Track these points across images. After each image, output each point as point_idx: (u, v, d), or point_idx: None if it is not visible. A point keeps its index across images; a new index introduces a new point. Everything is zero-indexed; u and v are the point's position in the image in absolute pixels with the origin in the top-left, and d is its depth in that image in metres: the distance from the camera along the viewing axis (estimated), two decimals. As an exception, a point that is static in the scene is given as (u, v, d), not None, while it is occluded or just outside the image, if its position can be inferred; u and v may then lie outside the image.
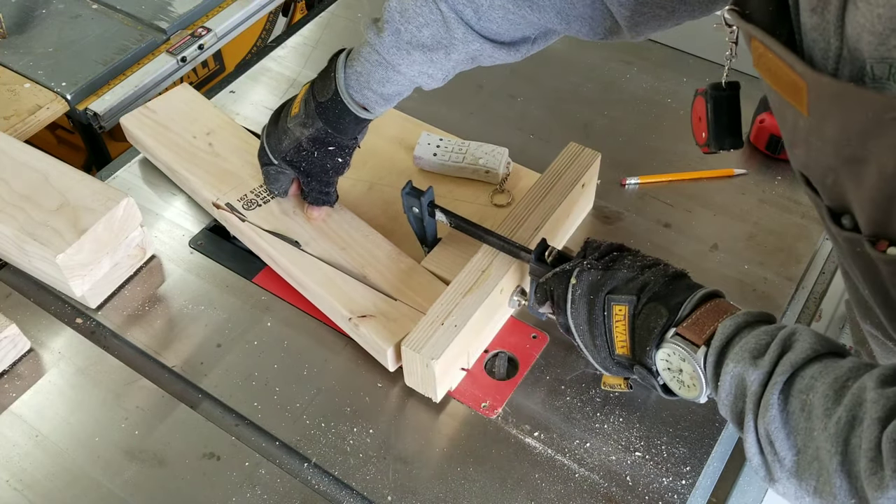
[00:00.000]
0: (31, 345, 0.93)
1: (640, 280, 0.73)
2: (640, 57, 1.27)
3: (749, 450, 0.62)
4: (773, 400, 0.59)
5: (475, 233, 0.90)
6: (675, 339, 0.69)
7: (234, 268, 1.00)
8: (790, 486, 0.60)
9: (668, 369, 0.71)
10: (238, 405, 0.87)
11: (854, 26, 0.49)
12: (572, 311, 0.76)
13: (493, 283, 0.86)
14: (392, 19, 0.81)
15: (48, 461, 0.83)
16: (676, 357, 0.69)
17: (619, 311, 0.72)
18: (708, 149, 0.76)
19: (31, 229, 0.91)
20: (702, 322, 0.68)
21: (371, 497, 0.80)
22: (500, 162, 1.05)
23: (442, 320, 0.83)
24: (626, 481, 0.81)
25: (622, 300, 0.72)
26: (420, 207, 0.90)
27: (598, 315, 0.74)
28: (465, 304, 0.85)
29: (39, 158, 0.98)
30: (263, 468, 0.82)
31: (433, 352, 0.81)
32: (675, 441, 0.84)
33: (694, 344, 0.68)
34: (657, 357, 0.71)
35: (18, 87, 1.21)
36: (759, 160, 1.11)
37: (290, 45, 1.31)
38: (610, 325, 0.73)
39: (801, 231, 1.03)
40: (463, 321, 0.83)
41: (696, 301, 0.70)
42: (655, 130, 1.17)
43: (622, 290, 0.73)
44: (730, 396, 0.64)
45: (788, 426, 0.59)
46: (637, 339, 0.72)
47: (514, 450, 0.83)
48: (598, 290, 0.74)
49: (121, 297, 0.97)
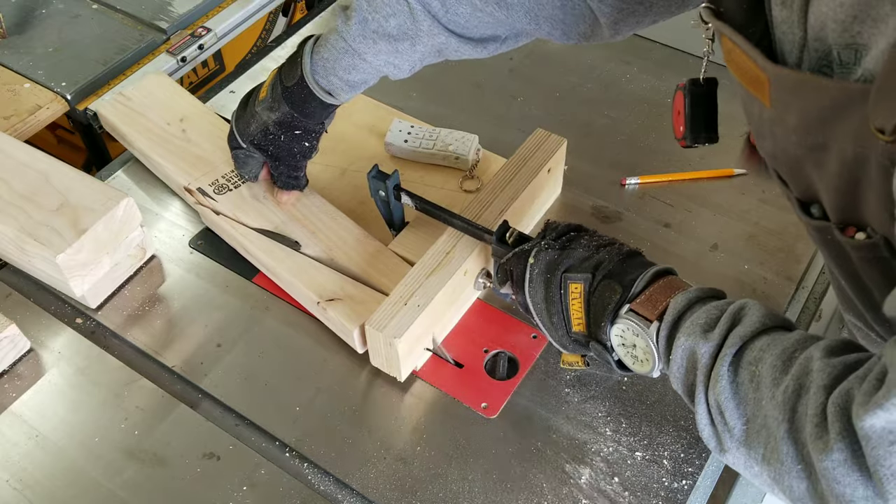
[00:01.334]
0: (31, 345, 0.93)
1: (596, 258, 0.74)
2: (640, 57, 1.27)
3: (700, 421, 0.64)
4: (723, 371, 0.61)
5: (440, 216, 0.92)
6: (629, 315, 0.70)
7: (234, 268, 1.00)
8: (740, 455, 0.61)
9: (622, 345, 0.72)
10: (238, 405, 0.87)
11: (818, 16, 0.51)
12: (530, 290, 0.77)
13: (456, 264, 0.88)
14: (360, 7, 0.82)
15: (48, 461, 0.83)
16: (630, 333, 0.71)
17: (575, 288, 0.74)
18: (685, 142, 0.78)
19: (31, 229, 0.91)
20: (654, 298, 0.70)
21: (371, 497, 0.80)
22: (469, 148, 1.07)
23: (405, 300, 0.85)
24: (627, 482, 0.81)
25: (578, 278, 0.73)
26: (386, 191, 0.92)
27: (555, 293, 0.75)
28: (429, 285, 0.86)
29: (39, 158, 0.98)
30: (263, 468, 0.82)
31: (396, 331, 0.82)
32: (675, 442, 0.84)
33: (647, 319, 0.69)
34: (612, 333, 0.72)
35: (18, 87, 1.21)
36: (759, 160, 1.11)
37: (290, 45, 1.31)
38: (566, 302, 0.75)
39: (801, 231, 1.03)
40: (426, 301, 0.85)
41: (648, 278, 0.71)
42: (655, 130, 1.17)
43: (578, 269, 0.74)
44: (681, 370, 0.66)
45: (738, 396, 0.60)
46: (592, 316, 0.73)
47: (515, 450, 0.83)
48: (554, 269, 0.75)
49: (121, 297, 0.97)
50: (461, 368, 0.90)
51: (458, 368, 0.90)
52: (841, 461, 0.51)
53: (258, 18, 1.44)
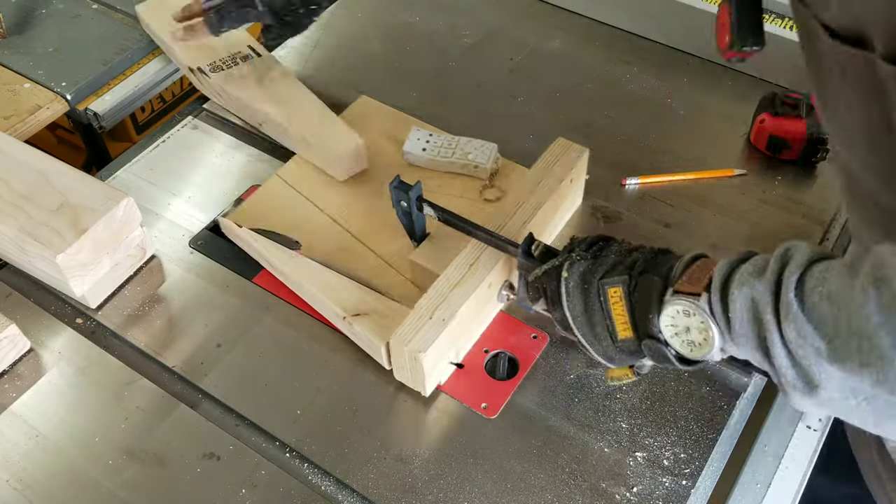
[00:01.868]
0: (31, 345, 0.93)
1: (629, 260, 0.74)
2: (640, 57, 1.27)
3: (781, 367, 0.62)
4: (791, 298, 0.60)
5: (463, 227, 0.91)
6: (676, 297, 0.69)
7: (234, 268, 1.00)
8: (833, 379, 0.59)
9: (675, 334, 0.71)
10: (238, 405, 0.87)
11: None
12: (569, 304, 0.76)
13: (480, 277, 0.87)
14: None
15: (48, 461, 0.83)
16: (681, 315, 0.69)
17: (615, 292, 0.73)
18: (732, 51, 0.76)
19: (31, 229, 0.91)
20: (696, 275, 0.69)
21: (371, 497, 0.80)
22: (488, 157, 1.06)
23: (430, 314, 0.84)
24: (627, 482, 0.81)
25: (615, 281, 0.73)
26: (408, 202, 0.91)
27: (595, 302, 0.74)
28: (453, 298, 0.85)
29: (39, 158, 0.98)
30: (263, 468, 0.82)
31: (421, 345, 0.81)
32: (675, 442, 0.84)
33: (694, 294, 0.68)
34: (662, 324, 0.71)
35: (18, 87, 1.21)
36: (759, 160, 1.11)
37: (290, 45, 1.31)
38: (608, 309, 0.74)
39: (801, 231, 1.03)
40: (450, 315, 0.84)
41: (685, 262, 0.71)
42: (655, 130, 1.17)
43: (613, 273, 0.73)
44: (745, 323, 0.64)
45: (814, 318, 0.59)
46: (638, 314, 0.72)
47: (515, 450, 0.83)
48: (590, 279, 0.75)
49: (121, 297, 0.97)
50: (461, 368, 0.90)
51: (459, 368, 0.90)
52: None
53: (258, 18, 1.43)
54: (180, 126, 1.18)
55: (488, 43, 1.24)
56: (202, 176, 1.12)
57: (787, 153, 1.10)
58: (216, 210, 1.06)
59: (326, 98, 1.19)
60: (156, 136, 1.17)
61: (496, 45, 1.24)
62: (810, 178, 1.10)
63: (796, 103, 1.09)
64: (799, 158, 1.10)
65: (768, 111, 1.10)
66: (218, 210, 1.06)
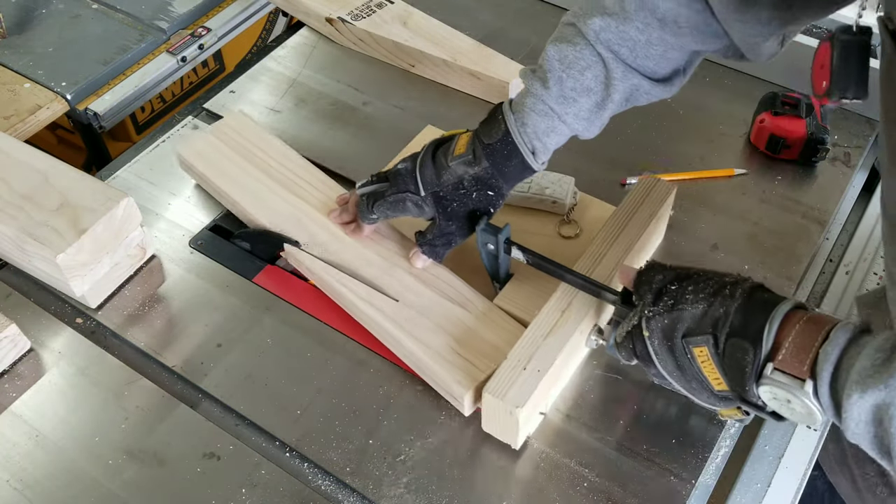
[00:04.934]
0: (31, 345, 0.93)
1: (712, 314, 0.68)
2: (640, 57, 1.27)
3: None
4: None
5: (554, 271, 0.86)
6: (776, 376, 0.64)
7: (234, 268, 1.00)
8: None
9: (774, 399, 0.66)
10: (238, 405, 0.87)
11: None
12: (660, 362, 0.73)
13: (574, 324, 0.83)
14: (553, 68, 0.81)
15: (48, 461, 0.83)
16: (782, 392, 0.64)
17: (701, 352, 0.68)
18: (828, 98, 0.71)
19: (31, 229, 0.91)
20: (799, 351, 0.63)
21: (371, 497, 0.80)
22: (566, 192, 1.01)
23: (524, 365, 0.80)
24: (627, 482, 0.81)
25: (699, 342, 0.68)
26: (496, 244, 0.87)
27: (683, 360, 0.71)
28: (547, 347, 0.81)
29: (39, 158, 0.98)
30: (263, 468, 0.82)
31: (517, 399, 0.78)
32: (676, 442, 0.84)
33: (798, 378, 0.63)
34: (760, 393, 0.66)
35: (18, 87, 1.21)
36: (759, 160, 1.11)
37: (290, 45, 1.31)
38: (697, 366, 0.70)
39: (801, 231, 1.03)
40: (546, 365, 0.80)
41: (777, 326, 0.65)
42: (655, 130, 1.17)
43: (696, 332, 0.68)
44: (865, 426, 0.59)
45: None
46: (731, 378, 0.68)
47: (515, 450, 0.83)
48: (672, 336, 0.70)
49: (121, 297, 0.97)
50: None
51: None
52: None
53: (258, 18, 1.44)
54: (180, 126, 1.18)
55: (488, 43, 1.24)
56: (202, 176, 1.12)
57: (786, 153, 1.10)
58: (216, 210, 1.06)
59: (332, 103, 1.19)
60: (156, 136, 1.17)
61: (496, 45, 1.24)
62: (810, 177, 1.10)
63: (796, 103, 1.09)
64: (799, 158, 1.10)
65: (768, 111, 1.10)
66: (218, 210, 1.06)
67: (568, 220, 1.02)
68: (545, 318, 0.84)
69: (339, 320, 0.94)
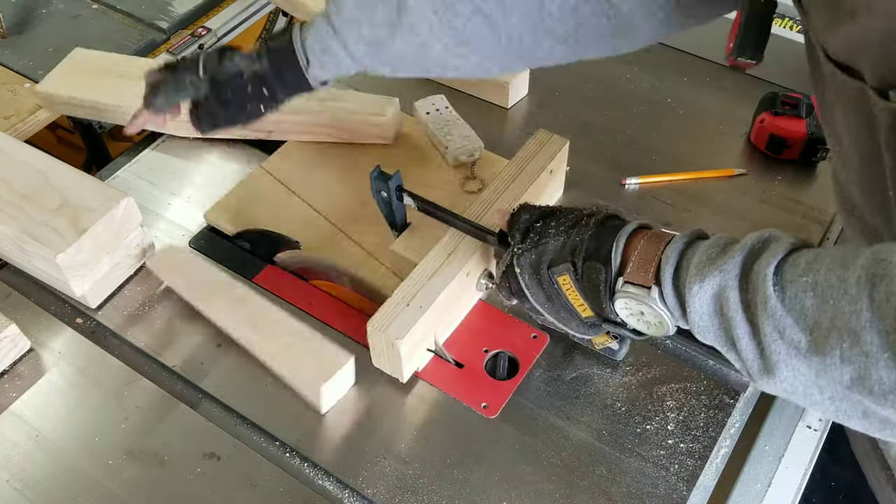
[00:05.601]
0: (31, 345, 0.93)
1: (570, 244, 0.73)
2: (640, 57, 1.26)
3: (748, 358, 0.61)
4: (770, 293, 0.58)
5: (442, 216, 0.92)
6: (627, 288, 0.69)
7: (234, 268, 1.00)
8: (809, 371, 0.57)
9: (630, 315, 0.72)
10: (238, 405, 0.87)
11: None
12: (532, 296, 0.77)
13: (458, 265, 0.88)
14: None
15: (48, 461, 0.83)
16: (633, 303, 0.70)
17: (564, 280, 0.74)
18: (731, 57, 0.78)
19: (31, 229, 0.91)
20: (643, 262, 0.68)
21: (371, 497, 0.80)
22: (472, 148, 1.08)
23: (407, 301, 0.85)
24: (627, 481, 0.81)
25: (561, 270, 0.73)
26: (388, 191, 0.92)
27: (550, 290, 0.75)
28: (431, 286, 0.86)
29: (39, 158, 0.98)
30: (264, 468, 0.82)
31: (398, 332, 0.82)
32: (675, 441, 0.84)
33: (643, 287, 0.68)
34: (616, 309, 0.72)
35: (18, 87, 1.21)
36: (759, 160, 1.12)
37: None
38: (564, 295, 0.75)
39: (801, 231, 1.03)
40: (428, 302, 0.84)
41: (623, 244, 0.70)
42: (655, 130, 1.17)
43: (558, 261, 0.73)
44: (706, 317, 0.63)
45: (794, 311, 0.58)
46: (591, 300, 0.73)
47: (515, 450, 0.83)
48: (538, 269, 0.75)
49: (121, 297, 0.97)
50: (461, 368, 0.90)
51: (459, 368, 0.90)
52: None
53: (258, 18, 1.44)
54: (180, 126, 1.18)
55: (488, 43, 1.24)
56: (202, 176, 1.12)
57: (787, 153, 1.10)
58: (216, 210, 1.06)
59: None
60: (156, 136, 1.17)
61: (496, 45, 1.24)
62: (810, 177, 1.10)
63: (796, 103, 1.09)
64: (799, 158, 1.10)
65: (768, 111, 1.10)
66: (218, 210, 1.06)
67: (472, 176, 1.08)
68: (431, 260, 0.88)
69: (339, 320, 0.94)
